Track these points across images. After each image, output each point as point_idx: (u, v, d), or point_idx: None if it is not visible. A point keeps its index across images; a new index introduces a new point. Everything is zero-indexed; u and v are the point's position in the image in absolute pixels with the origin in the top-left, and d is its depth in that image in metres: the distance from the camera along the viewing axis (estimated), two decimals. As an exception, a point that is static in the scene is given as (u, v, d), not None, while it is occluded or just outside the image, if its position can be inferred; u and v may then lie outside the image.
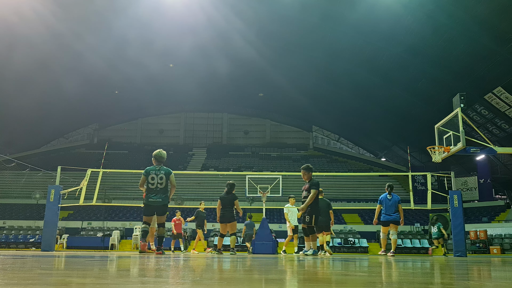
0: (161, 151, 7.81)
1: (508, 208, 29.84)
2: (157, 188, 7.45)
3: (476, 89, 24.98)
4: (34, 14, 23.92)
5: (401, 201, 10.30)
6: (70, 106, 35.88)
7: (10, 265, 2.96)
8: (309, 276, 2.53)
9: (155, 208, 7.49)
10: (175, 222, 15.14)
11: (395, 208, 10.02)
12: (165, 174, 7.55)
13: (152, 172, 7.55)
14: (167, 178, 7.53)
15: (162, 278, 2.09)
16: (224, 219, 10.05)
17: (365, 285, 1.95)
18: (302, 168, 8.55)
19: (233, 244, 10.31)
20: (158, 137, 46.77)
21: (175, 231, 15.11)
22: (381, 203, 10.15)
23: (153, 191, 7.45)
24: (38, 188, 32.20)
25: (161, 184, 7.47)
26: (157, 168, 7.57)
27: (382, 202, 10.14)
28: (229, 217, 10.05)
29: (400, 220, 9.99)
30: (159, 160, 7.68)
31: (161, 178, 7.48)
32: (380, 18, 22.89)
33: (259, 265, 3.76)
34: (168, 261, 4.33)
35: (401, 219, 10.02)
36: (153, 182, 7.47)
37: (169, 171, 7.63)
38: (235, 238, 10.40)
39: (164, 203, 7.51)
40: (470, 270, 3.46)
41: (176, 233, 15.13)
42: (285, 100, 39.78)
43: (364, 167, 41.44)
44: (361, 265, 4.11)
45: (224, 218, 10.04)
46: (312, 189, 8.23)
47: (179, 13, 24.85)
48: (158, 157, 7.68)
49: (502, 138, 26.88)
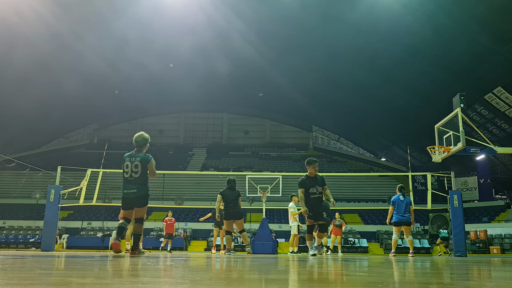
0: (142, 133, 6.73)
1: (508, 208, 29.85)
2: (131, 177, 6.39)
3: (476, 89, 24.98)
4: (34, 14, 23.92)
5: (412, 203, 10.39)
6: (70, 106, 35.89)
7: (10, 265, 2.96)
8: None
9: (130, 201, 6.45)
10: (167, 222, 15.22)
11: (407, 209, 10.10)
12: (141, 161, 6.39)
13: (127, 159, 6.49)
14: (143, 166, 6.39)
15: (162, 278, 2.09)
16: (231, 216, 9.49)
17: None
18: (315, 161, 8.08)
19: (247, 240, 9.77)
20: (158, 137, 46.79)
21: (166, 231, 15.20)
22: (393, 204, 10.19)
23: (127, 181, 6.43)
24: (38, 188, 32.21)
25: (135, 173, 6.37)
26: (133, 154, 6.50)
27: (395, 203, 10.17)
28: (237, 213, 9.51)
29: (411, 221, 10.09)
30: (138, 145, 6.59)
31: (136, 166, 6.38)
32: (380, 18, 22.89)
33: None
34: (169, 261, 4.34)
35: (412, 220, 10.12)
36: (127, 171, 6.41)
37: (146, 157, 6.46)
38: (246, 234, 9.83)
39: (139, 195, 6.39)
40: (470, 270, 3.46)
41: (167, 234, 15.20)
42: (285, 100, 39.79)
43: (364, 167, 41.45)
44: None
45: (231, 214, 9.47)
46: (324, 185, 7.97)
47: (179, 13, 24.85)
48: (136, 141, 6.62)
49: (502, 138, 26.88)
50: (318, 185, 7.87)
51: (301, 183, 7.94)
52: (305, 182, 7.91)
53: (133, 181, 6.38)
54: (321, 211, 7.94)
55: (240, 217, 9.56)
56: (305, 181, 7.93)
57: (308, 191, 7.84)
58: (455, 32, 22.53)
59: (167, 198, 31.94)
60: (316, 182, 7.89)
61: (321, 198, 7.92)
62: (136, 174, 6.39)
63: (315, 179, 7.94)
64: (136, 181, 6.39)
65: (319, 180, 7.95)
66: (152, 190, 36.30)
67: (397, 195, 10.24)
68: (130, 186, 6.38)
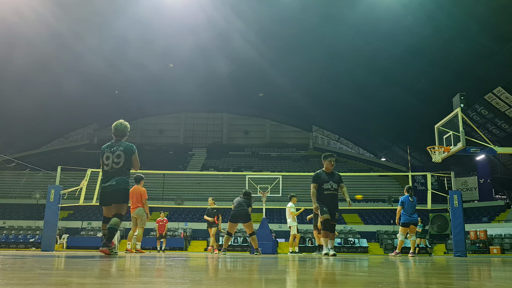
0: (122, 121, 6.00)
1: (508, 208, 29.85)
2: (112, 169, 5.66)
3: (476, 89, 24.98)
4: (34, 14, 23.92)
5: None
6: (70, 106, 35.90)
7: (10, 265, 2.96)
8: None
9: (109, 195, 5.67)
10: (159, 223, 15.53)
11: (415, 210, 10.18)
12: (125, 150, 5.71)
13: (106, 150, 5.75)
14: (127, 157, 5.71)
15: (162, 278, 2.09)
16: (237, 218, 9.31)
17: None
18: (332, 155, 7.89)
19: (256, 244, 9.62)
20: (158, 137, 46.82)
21: (158, 231, 15.55)
22: (402, 205, 10.22)
23: (107, 173, 5.69)
24: (38, 188, 32.20)
25: (117, 163, 5.66)
26: (114, 144, 5.78)
27: (404, 204, 10.20)
28: (244, 216, 9.28)
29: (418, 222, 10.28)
30: (118, 134, 5.87)
31: (118, 156, 5.67)
32: (380, 18, 22.89)
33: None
34: (169, 261, 4.34)
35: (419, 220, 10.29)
36: (107, 163, 5.67)
37: (131, 147, 5.80)
38: (255, 238, 9.73)
39: (118, 188, 5.63)
40: (470, 270, 3.46)
41: (159, 234, 15.55)
42: (285, 100, 39.80)
43: (364, 167, 41.45)
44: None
45: (236, 217, 9.29)
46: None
47: (179, 13, 24.85)
48: (115, 129, 5.88)
49: (502, 138, 26.88)
50: (334, 181, 7.60)
51: (315, 178, 7.65)
52: (319, 176, 7.64)
53: (113, 172, 5.66)
54: (335, 209, 7.62)
55: (248, 220, 9.33)
56: (319, 175, 7.67)
57: (321, 186, 7.55)
58: (455, 32, 22.53)
59: (167, 198, 31.92)
60: (332, 178, 7.64)
61: (336, 195, 7.64)
62: (118, 164, 5.67)
63: (332, 175, 7.70)
64: (116, 172, 5.66)
65: (336, 177, 7.71)
66: (152, 190, 36.50)
67: (406, 195, 10.26)
68: (109, 178, 5.65)
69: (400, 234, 10.31)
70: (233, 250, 22.80)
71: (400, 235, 10.32)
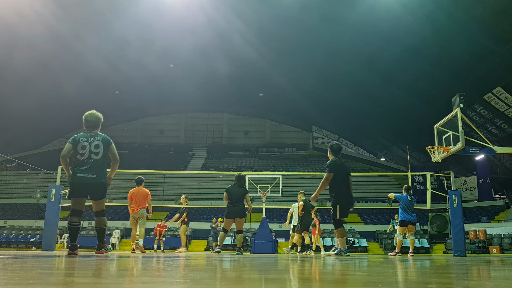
0: (94, 111, 5.61)
1: (507, 208, 29.87)
2: (90, 159, 5.24)
3: (475, 89, 25.00)
4: (34, 15, 23.94)
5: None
6: (71, 106, 35.88)
7: (10, 265, 2.98)
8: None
9: (87, 187, 5.29)
10: (160, 227, 16.48)
11: (413, 209, 10.23)
12: (102, 141, 5.35)
13: (82, 140, 5.30)
14: (105, 148, 5.34)
15: (162, 278, 2.11)
16: (234, 214, 8.90)
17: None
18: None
19: (240, 243, 9.25)
20: (159, 137, 46.83)
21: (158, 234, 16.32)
22: (399, 200, 10.27)
23: (83, 163, 5.23)
24: (38, 188, 32.22)
25: (96, 154, 5.27)
26: (90, 135, 5.37)
27: (402, 201, 10.23)
28: (241, 212, 8.92)
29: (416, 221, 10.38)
30: (91, 125, 5.44)
31: (96, 146, 5.29)
32: (380, 18, 22.90)
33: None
34: (168, 261, 4.36)
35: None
36: (83, 152, 5.23)
37: (108, 139, 5.43)
38: (242, 236, 9.43)
39: (99, 181, 5.30)
40: (469, 270, 3.48)
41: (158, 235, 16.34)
42: (285, 100, 39.81)
43: (363, 167, 41.46)
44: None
45: (234, 213, 8.89)
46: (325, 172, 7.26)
47: (179, 13, 24.87)
48: (87, 120, 5.45)
49: (501, 138, 26.90)
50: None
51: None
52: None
53: (93, 163, 5.24)
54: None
55: (243, 215, 9.02)
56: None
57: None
58: (455, 32, 22.54)
59: (167, 198, 31.95)
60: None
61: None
62: (97, 155, 5.28)
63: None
64: (96, 164, 5.26)
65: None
66: (152, 190, 36.32)
67: (404, 195, 10.25)
68: (88, 169, 5.22)
69: (399, 233, 10.31)
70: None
71: (399, 235, 10.32)
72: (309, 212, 11.44)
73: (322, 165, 41.66)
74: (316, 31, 26.42)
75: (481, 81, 24.49)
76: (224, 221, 9.19)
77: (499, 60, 22.64)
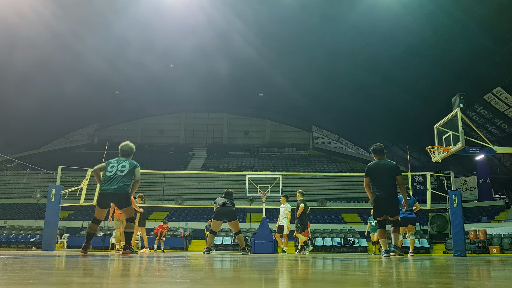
0: (128, 143, 6.74)
1: (507, 208, 29.86)
2: (115, 175, 6.25)
3: (475, 89, 24.99)
4: (34, 15, 23.94)
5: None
6: (71, 106, 35.92)
7: (11, 265, 2.98)
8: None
9: (108, 197, 6.22)
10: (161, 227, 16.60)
11: (412, 208, 10.23)
12: (130, 164, 6.43)
13: (113, 161, 6.46)
14: (130, 169, 6.36)
15: (162, 278, 2.11)
16: (222, 216, 9.07)
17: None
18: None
19: (243, 243, 9.39)
20: (159, 137, 46.83)
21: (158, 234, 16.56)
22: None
23: (110, 178, 6.23)
24: (38, 188, 32.23)
25: (121, 171, 6.29)
26: (120, 159, 6.52)
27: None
28: (229, 213, 9.03)
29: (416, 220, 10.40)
30: (124, 154, 6.62)
31: (123, 166, 6.34)
32: (380, 18, 22.90)
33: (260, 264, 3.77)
34: (168, 261, 4.36)
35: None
36: (111, 170, 6.29)
37: (135, 163, 6.49)
38: (242, 236, 9.52)
39: (120, 192, 6.15)
40: (469, 270, 3.48)
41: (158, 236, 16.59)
42: (285, 100, 39.81)
43: (364, 167, 41.03)
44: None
45: (221, 214, 9.06)
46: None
47: (179, 13, 24.87)
48: (122, 150, 6.63)
49: (501, 138, 26.89)
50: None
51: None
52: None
53: (117, 178, 6.22)
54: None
55: (234, 218, 9.09)
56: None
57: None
58: (455, 32, 22.54)
59: (167, 198, 31.95)
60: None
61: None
62: (122, 172, 6.27)
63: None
64: (118, 178, 6.22)
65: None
66: (153, 190, 36.42)
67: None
68: (111, 182, 6.19)
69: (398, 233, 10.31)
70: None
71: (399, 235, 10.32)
72: (307, 213, 11.92)
73: (322, 165, 41.70)
74: (316, 31, 26.42)
75: (481, 81, 24.49)
76: (213, 222, 9.28)
77: (499, 60, 22.64)
